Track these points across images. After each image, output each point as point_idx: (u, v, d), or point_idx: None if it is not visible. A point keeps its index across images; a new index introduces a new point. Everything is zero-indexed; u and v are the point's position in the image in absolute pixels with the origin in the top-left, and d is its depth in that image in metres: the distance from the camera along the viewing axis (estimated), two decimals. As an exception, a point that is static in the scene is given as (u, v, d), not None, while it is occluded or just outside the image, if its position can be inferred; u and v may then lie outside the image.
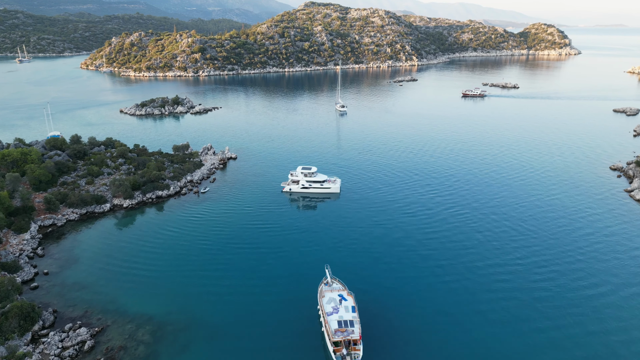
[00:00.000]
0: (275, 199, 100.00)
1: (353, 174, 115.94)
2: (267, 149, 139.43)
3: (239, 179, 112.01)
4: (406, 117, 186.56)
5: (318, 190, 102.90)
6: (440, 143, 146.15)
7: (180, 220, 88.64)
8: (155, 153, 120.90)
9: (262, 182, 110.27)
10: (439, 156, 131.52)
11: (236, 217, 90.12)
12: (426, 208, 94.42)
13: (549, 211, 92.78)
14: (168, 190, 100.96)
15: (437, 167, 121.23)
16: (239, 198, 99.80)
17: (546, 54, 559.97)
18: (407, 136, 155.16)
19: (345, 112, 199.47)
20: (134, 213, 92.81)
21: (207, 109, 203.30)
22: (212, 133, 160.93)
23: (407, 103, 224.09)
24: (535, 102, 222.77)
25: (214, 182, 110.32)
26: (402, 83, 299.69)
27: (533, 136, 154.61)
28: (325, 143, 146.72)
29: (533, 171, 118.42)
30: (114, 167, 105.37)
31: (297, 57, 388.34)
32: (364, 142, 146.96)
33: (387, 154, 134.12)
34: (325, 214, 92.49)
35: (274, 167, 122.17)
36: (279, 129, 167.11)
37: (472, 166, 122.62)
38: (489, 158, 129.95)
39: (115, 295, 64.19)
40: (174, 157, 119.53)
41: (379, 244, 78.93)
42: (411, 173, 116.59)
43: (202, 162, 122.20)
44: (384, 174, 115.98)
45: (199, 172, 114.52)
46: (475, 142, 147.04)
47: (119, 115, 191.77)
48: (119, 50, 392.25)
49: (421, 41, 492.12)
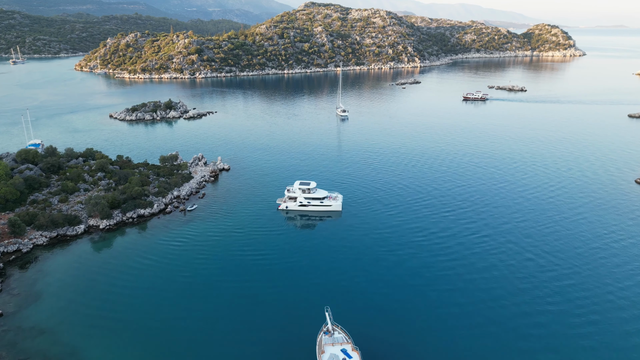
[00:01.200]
0: (270, 218, 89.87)
1: (356, 188, 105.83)
2: (263, 159, 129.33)
3: (230, 195, 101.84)
4: (411, 123, 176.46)
5: (318, 209, 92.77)
6: (448, 154, 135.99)
7: (162, 246, 78.55)
8: (140, 165, 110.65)
9: (256, 198, 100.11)
10: (448, 168, 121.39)
11: (225, 241, 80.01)
12: (439, 229, 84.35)
13: (577, 234, 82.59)
14: (151, 208, 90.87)
15: (448, 181, 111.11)
16: (230, 218, 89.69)
17: (550, 55, 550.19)
18: (414, 145, 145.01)
19: (346, 117, 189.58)
20: (111, 236, 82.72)
21: (202, 114, 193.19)
22: (205, 141, 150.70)
23: (411, 107, 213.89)
24: (545, 107, 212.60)
25: (203, 198, 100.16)
26: (404, 85, 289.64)
27: (547, 146, 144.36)
28: (326, 152, 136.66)
29: (552, 186, 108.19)
30: (92, 183, 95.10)
31: (296, 59, 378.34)
32: (367, 152, 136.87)
33: (393, 165, 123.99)
34: (325, 237, 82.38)
35: (269, 179, 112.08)
36: (277, 136, 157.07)
37: (484, 180, 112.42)
38: (501, 171, 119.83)
39: (78, 346, 54.10)
40: (161, 169, 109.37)
41: (389, 277, 68.75)
42: (420, 187, 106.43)
43: (191, 174, 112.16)
44: (390, 188, 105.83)
45: (187, 186, 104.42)
46: (484, 151, 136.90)
47: (108, 121, 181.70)
48: (114, 52, 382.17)
49: (423, 42, 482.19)
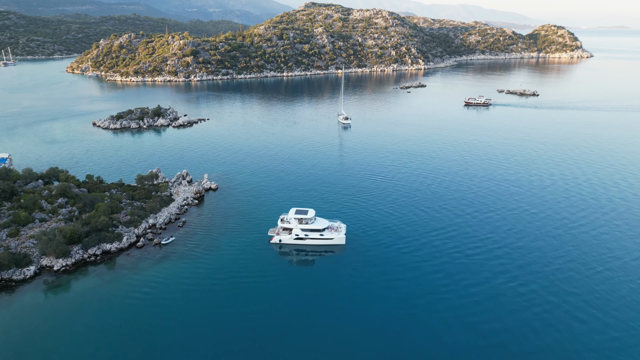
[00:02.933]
0: (260, 255, 75.61)
1: (361, 213, 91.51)
2: (255, 176, 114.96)
3: (214, 222, 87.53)
4: (420, 133, 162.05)
5: (317, 242, 78.60)
6: (468, 171, 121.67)
7: (127, 294, 64.42)
8: (113, 186, 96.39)
9: (245, 226, 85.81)
10: (469, 188, 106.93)
11: (204, 288, 65.81)
12: (465, 269, 69.96)
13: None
14: (119, 242, 76.75)
15: (470, 205, 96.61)
16: (211, 254, 75.48)
17: (557, 56, 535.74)
18: (425, 158, 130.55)
19: (349, 124, 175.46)
20: (67, 280, 68.56)
21: (192, 122, 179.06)
22: (193, 154, 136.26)
23: (419, 114, 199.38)
24: (562, 114, 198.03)
25: (183, 227, 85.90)
26: (409, 89, 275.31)
27: (573, 162, 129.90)
28: (327, 169, 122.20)
29: (595, 214, 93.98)
30: (51, 211, 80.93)
31: (296, 61, 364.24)
32: (373, 167, 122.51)
33: (405, 184, 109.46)
34: (327, 282, 68.09)
35: (262, 202, 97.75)
36: (273, 147, 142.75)
37: (511, 203, 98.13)
38: (529, 192, 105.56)
39: None
40: (137, 190, 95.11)
41: (403, 344, 54.54)
42: (439, 213, 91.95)
43: (172, 196, 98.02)
44: (403, 213, 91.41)
45: (166, 211, 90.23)
46: (508, 167, 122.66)
47: (91, 130, 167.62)
48: (107, 53, 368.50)
49: (427, 43, 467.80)
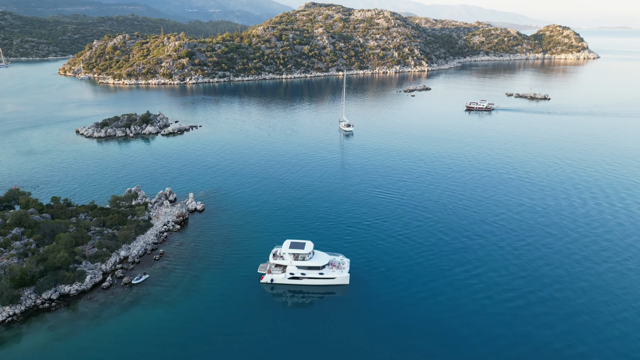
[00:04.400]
0: (248, 299, 63.58)
1: (368, 243, 79.39)
2: (247, 196, 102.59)
3: (197, 254, 75.54)
4: (429, 142, 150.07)
5: (316, 282, 66.63)
6: (491, 189, 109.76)
7: (86, 351, 52.48)
8: (82, 209, 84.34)
9: (232, 260, 73.73)
10: (491, 210, 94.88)
11: (179, 342, 53.84)
12: (501, 321, 58.05)
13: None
14: (81, 282, 64.89)
15: (493, 232, 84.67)
16: (190, 298, 63.52)
17: (563, 57, 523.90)
18: (438, 172, 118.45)
19: (351, 132, 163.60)
20: (13, 335, 56.65)
21: (183, 129, 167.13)
22: (180, 167, 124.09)
23: (425, 120, 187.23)
24: (578, 120, 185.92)
25: (160, 260, 73.90)
26: (413, 92, 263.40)
27: (604, 181, 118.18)
28: (327, 186, 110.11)
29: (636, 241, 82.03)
30: (2, 244, 69.09)
31: (295, 62, 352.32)
32: (380, 183, 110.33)
33: (417, 203, 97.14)
34: (327, 335, 56.08)
35: (253, 228, 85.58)
36: (269, 161, 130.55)
37: (541, 236, 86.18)
38: (557, 218, 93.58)
39: None
40: (110, 215, 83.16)
41: None
42: (460, 241, 79.70)
43: (151, 220, 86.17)
44: (418, 242, 79.21)
45: (142, 240, 78.31)
46: (525, 188, 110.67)
47: (74, 138, 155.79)
48: (100, 55, 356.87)
49: (430, 44, 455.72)
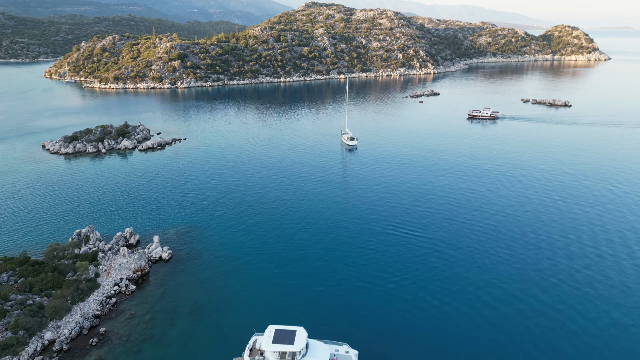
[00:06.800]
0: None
1: (383, 323, 59.98)
2: (228, 237, 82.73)
3: (150, 336, 55.89)
4: (445, 160, 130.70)
5: (308, 391, 47.13)
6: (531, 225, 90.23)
7: None
8: (7, 265, 64.58)
9: (194, 348, 54.30)
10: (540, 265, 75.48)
11: None
12: None
13: None
14: (-24, 392, 45.79)
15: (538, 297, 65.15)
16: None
17: (573, 59, 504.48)
18: (464, 200, 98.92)
19: (355, 146, 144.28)
20: None
21: (165, 143, 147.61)
22: (149, 194, 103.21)
23: (436, 133, 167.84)
24: (608, 132, 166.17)
25: (100, 344, 54.51)
26: (421, 98, 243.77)
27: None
28: (326, 224, 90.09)
29: None
30: None
31: (294, 65, 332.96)
32: (394, 217, 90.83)
33: (442, 250, 77.64)
34: None
35: (229, 292, 65.91)
36: (259, 188, 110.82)
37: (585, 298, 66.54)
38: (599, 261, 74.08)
39: None
40: (42, 273, 63.65)
41: None
42: (508, 319, 60.40)
43: (99, 275, 66.77)
44: (449, 312, 59.75)
45: (78, 312, 58.82)
46: (560, 224, 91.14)
47: (38, 155, 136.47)
48: (88, 57, 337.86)
49: (435, 45, 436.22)
